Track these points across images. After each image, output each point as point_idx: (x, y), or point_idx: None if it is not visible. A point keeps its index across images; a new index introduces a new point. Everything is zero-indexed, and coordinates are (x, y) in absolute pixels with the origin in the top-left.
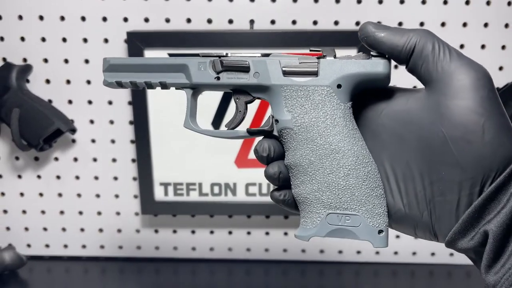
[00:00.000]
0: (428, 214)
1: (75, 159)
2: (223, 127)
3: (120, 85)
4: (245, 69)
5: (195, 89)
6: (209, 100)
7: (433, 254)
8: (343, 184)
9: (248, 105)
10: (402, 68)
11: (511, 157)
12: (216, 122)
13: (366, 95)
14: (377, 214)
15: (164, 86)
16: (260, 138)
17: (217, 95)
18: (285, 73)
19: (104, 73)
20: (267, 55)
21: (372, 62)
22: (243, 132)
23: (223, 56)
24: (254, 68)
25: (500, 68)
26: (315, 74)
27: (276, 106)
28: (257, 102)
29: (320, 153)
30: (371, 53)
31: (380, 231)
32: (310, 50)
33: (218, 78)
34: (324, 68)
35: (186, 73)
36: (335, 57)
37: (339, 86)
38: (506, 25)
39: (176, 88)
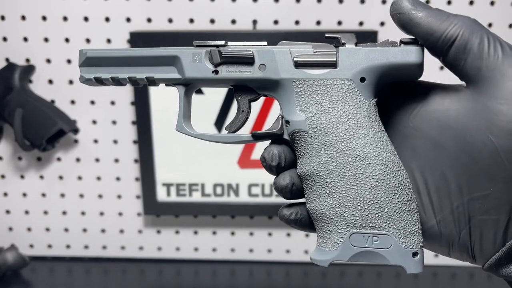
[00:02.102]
0: (467, 233)
1: (78, 160)
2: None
3: (99, 82)
4: (248, 61)
5: (189, 85)
6: (212, 96)
7: (436, 255)
8: (370, 198)
9: (252, 103)
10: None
11: None
12: (220, 122)
13: (392, 90)
14: (410, 233)
15: (152, 82)
16: (267, 143)
17: (221, 91)
18: (297, 65)
19: (81, 68)
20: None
21: (403, 49)
22: (247, 136)
23: (222, 46)
24: (259, 60)
25: None
26: (333, 65)
27: (286, 105)
28: (260, 99)
29: (342, 161)
30: (401, 39)
31: (414, 254)
32: (326, 37)
33: (216, 72)
34: (345, 57)
35: (178, 66)
36: (356, 44)
37: (362, 79)
38: (510, 26)
39: (167, 85)
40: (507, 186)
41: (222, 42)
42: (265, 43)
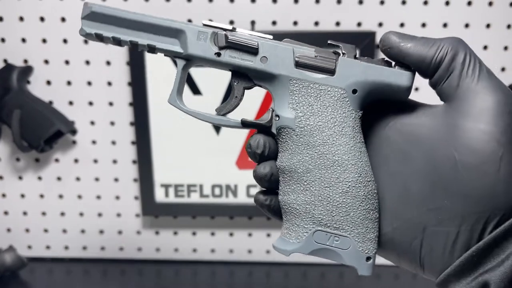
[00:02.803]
0: (418, 243)
1: (76, 161)
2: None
3: (100, 38)
4: (252, 50)
5: (188, 61)
6: (210, 96)
7: None
8: (339, 201)
9: (246, 91)
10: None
11: None
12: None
13: (376, 104)
14: (368, 239)
15: (152, 50)
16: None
17: (219, 93)
18: (297, 65)
19: (83, 21)
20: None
21: (397, 72)
22: (235, 122)
23: (230, 30)
24: (262, 52)
25: (503, 69)
26: (331, 72)
27: (279, 100)
28: (263, 92)
29: (320, 163)
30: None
31: (368, 258)
32: (328, 44)
33: (219, 55)
34: (343, 67)
35: (181, 41)
36: (355, 57)
37: (354, 91)
38: (509, 26)
39: (165, 55)
40: (461, 199)
41: (230, 27)
42: (271, 37)
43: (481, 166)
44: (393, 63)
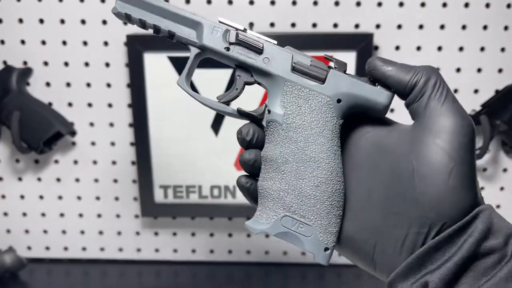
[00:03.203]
0: (372, 244)
1: (75, 162)
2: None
3: (128, 18)
4: (257, 50)
5: (201, 52)
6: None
7: None
8: (309, 193)
9: (248, 87)
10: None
11: (466, 211)
12: (216, 124)
13: (357, 117)
14: (329, 232)
15: (172, 36)
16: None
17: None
18: (294, 69)
19: (117, 1)
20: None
21: (378, 90)
22: (232, 110)
23: (241, 30)
24: (266, 53)
25: (500, 71)
26: (322, 81)
27: (273, 97)
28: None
29: (298, 157)
30: (378, 83)
31: (326, 249)
32: (325, 56)
33: (228, 49)
34: (332, 79)
35: (198, 32)
36: (345, 72)
37: (339, 100)
38: (506, 28)
39: (182, 43)
40: (412, 205)
41: (242, 27)
42: (276, 42)
43: (433, 175)
44: (377, 83)
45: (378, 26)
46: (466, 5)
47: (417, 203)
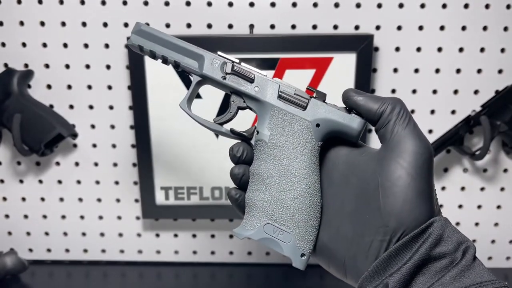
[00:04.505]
0: (343, 252)
1: (77, 164)
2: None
3: (140, 50)
4: (249, 80)
5: (202, 79)
6: (213, 96)
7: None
8: (289, 204)
9: (241, 111)
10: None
11: (422, 221)
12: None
13: (336, 141)
14: (306, 240)
15: (177, 66)
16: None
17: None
18: (280, 97)
19: (132, 34)
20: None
21: (351, 117)
22: (225, 130)
23: (236, 63)
24: (256, 82)
25: (500, 71)
26: (303, 107)
27: (261, 120)
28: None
29: (281, 172)
30: (353, 111)
31: (302, 255)
32: (307, 88)
33: (224, 78)
34: (312, 106)
35: (199, 63)
36: (324, 101)
37: (317, 125)
38: (505, 28)
39: (186, 72)
40: (376, 213)
41: (237, 60)
42: (266, 74)
43: (394, 188)
44: (353, 111)
45: (378, 28)
46: (466, 6)
47: (380, 214)
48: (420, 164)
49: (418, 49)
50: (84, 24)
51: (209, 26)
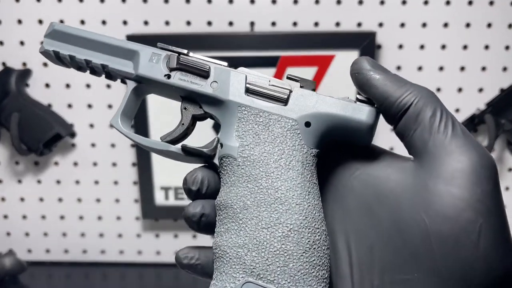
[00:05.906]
0: None
1: (75, 164)
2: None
3: (57, 57)
4: (203, 74)
5: (140, 85)
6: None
7: None
8: (277, 247)
9: (198, 123)
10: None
11: (505, 279)
12: (217, 127)
13: (340, 147)
14: None
15: (107, 73)
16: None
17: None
18: (248, 91)
19: (45, 39)
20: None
21: (355, 105)
22: (175, 148)
23: (184, 54)
24: (214, 76)
25: (504, 69)
26: (283, 101)
27: (226, 128)
28: None
29: (260, 199)
30: (358, 97)
31: None
32: (287, 77)
33: (169, 77)
34: (296, 98)
35: (134, 62)
36: (313, 90)
37: (307, 124)
38: (510, 26)
39: (118, 78)
40: (433, 276)
41: (185, 51)
42: (226, 64)
43: (457, 238)
44: (358, 99)
45: (380, 25)
46: (470, 2)
47: (439, 275)
48: (489, 192)
49: (422, 47)
50: (82, 22)
51: (209, 23)
